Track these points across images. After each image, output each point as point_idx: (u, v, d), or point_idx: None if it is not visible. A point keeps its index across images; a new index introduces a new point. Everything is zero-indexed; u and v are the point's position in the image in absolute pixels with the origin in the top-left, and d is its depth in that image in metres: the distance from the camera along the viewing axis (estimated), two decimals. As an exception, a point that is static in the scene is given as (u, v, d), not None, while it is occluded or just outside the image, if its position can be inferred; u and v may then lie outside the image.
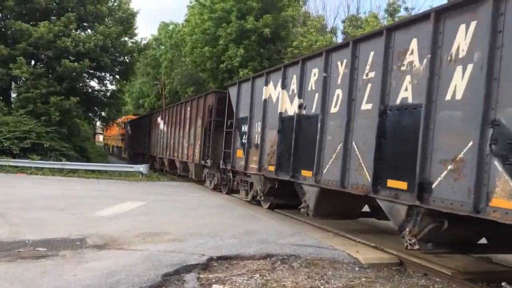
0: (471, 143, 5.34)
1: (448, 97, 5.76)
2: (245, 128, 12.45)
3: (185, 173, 19.78)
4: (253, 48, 24.41)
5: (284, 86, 10.30)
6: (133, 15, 26.86)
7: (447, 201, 5.63)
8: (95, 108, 28.54)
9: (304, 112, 9.42)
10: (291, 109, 9.92)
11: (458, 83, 5.63)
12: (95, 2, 24.52)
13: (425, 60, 6.15)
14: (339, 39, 26.28)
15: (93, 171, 21.08)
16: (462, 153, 5.48)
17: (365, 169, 7.24)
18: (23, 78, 22.42)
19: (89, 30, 25.65)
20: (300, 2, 28.50)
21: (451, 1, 6.02)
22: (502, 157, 4.97)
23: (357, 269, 6.66)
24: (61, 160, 20.96)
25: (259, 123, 11.50)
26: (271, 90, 10.98)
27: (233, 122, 13.54)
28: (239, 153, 12.85)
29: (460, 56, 5.65)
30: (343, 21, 27.75)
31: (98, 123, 35.12)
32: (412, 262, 7.08)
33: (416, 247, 6.37)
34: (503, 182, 4.92)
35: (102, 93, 27.94)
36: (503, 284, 5.99)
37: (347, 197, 7.97)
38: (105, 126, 33.56)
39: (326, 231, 9.34)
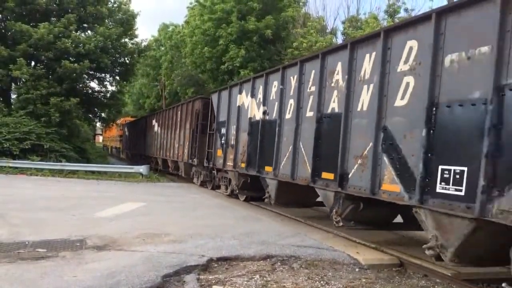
0: (371, 143, 7.13)
1: (358, 108, 7.64)
2: (223, 130, 14.22)
3: (176, 172, 21.56)
4: (254, 49, 24.43)
5: (253, 95, 12.18)
6: (133, 16, 26.88)
7: (357, 187, 7.48)
8: (95, 109, 28.56)
9: (267, 117, 11.31)
10: (258, 114, 11.80)
11: (365, 98, 7.50)
12: (95, 3, 24.53)
13: (345, 79, 7.98)
14: (339, 40, 26.34)
15: (93, 172, 21.07)
16: (366, 151, 7.31)
17: (307, 164, 9.03)
18: (23, 79, 22.43)
19: (89, 31, 25.69)
20: (300, 3, 28.53)
21: (362, 36, 8.47)
22: (388, 153, 6.81)
23: (357, 270, 6.65)
24: (61, 161, 20.94)
25: (234, 126, 13.33)
26: (244, 98, 12.87)
27: (214, 125, 15.43)
28: (219, 152, 14.56)
29: (366, 78, 7.53)
30: (343, 22, 27.79)
31: (98, 124, 35.14)
32: (412, 263, 7.08)
33: (341, 224, 8.15)
34: (388, 172, 6.78)
35: (102, 94, 27.94)
36: (503, 285, 5.99)
37: (298, 187, 9.54)
38: (105, 127, 33.66)
39: (326, 232, 9.34)
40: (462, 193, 5.46)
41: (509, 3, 5.12)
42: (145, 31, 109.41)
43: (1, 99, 24.48)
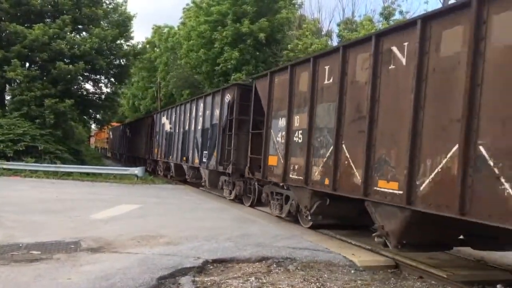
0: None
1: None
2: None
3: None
4: (248, 51, 24.43)
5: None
6: (129, 18, 26.85)
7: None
8: (90, 110, 28.48)
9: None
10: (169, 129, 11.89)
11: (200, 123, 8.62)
12: (91, 4, 24.47)
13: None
14: (334, 42, 26.40)
15: (88, 173, 21.01)
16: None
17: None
18: (18, 81, 22.35)
19: (84, 33, 25.62)
20: (296, 5, 28.58)
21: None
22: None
23: (352, 271, 6.65)
24: (55, 163, 20.87)
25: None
26: (164, 120, 12.18)
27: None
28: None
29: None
30: (338, 24, 27.90)
31: (93, 126, 35.07)
32: (408, 264, 7.09)
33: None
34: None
35: (97, 95, 27.89)
36: (498, 286, 6.01)
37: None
38: (100, 129, 33.72)
39: (321, 234, 9.33)
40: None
41: None
42: (142, 34, 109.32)
43: (-4, 100, 24.40)
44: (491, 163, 5.00)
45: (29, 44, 21.75)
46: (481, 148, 5.15)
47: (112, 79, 27.68)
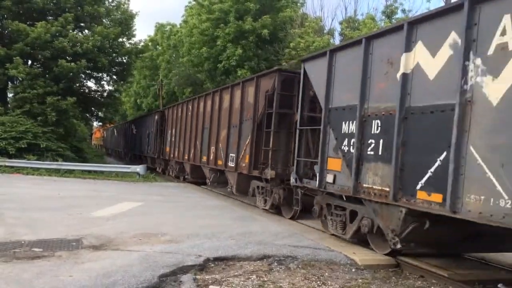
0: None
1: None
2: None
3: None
4: (250, 48, 24.40)
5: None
6: (131, 16, 26.85)
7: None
8: (92, 108, 28.50)
9: None
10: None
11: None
12: (93, 2, 24.47)
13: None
14: (337, 40, 26.35)
15: (89, 171, 21.03)
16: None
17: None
18: (20, 78, 22.37)
19: (86, 31, 25.62)
20: (298, 4, 28.54)
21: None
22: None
23: (353, 270, 6.66)
24: (57, 161, 20.89)
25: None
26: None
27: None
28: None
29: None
30: (341, 23, 27.79)
31: (95, 124, 35.12)
32: (409, 263, 7.08)
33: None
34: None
35: (99, 93, 27.90)
36: (499, 286, 6.01)
37: None
38: (102, 127, 33.81)
39: (323, 232, 9.33)
40: None
41: None
42: (144, 32, 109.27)
43: (-2, 98, 24.40)
44: None
45: (31, 42, 21.76)
46: None
47: (114, 77, 27.68)
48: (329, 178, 8.45)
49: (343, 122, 8.11)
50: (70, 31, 23.15)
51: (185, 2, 37.20)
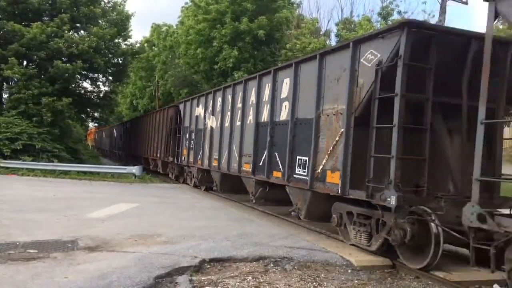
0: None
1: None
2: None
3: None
4: (246, 49, 24.42)
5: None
6: (127, 17, 26.80)
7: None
8: (88, 109, 28.42)
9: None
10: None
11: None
12: (89, 3, 24.41)
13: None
14: (333, 42, 26.42)
15: (85, 172, 20.94)
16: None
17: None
18: (15, 79, 22.27)
19: (82, 31, 25.56)
20: (294, 5, 28.60)
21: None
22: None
23: (349, 271, 6.67)
24: (53, 161, 20.80)
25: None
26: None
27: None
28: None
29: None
30: (337, 24, 27.92)
31: (90, 124, 35.00)
32: (405, 265, 7.09)
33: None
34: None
35: (95, 94, 27.82)
36: (494, 286, 6.03)
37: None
38: (98, 128, 33.69)
39: (319, 233, 9.34)
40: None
41: None
42: (140, 33, 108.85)
43: (-8, 98, 24.30)
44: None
45: (27, 43, 21.64)
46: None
47: (110, 78, 27.62)
48: (183, 158, 19.30)
49: (186, 133, 15.76)
50: (66, 31, 23.04)
51: (179, 4, 37.16)
